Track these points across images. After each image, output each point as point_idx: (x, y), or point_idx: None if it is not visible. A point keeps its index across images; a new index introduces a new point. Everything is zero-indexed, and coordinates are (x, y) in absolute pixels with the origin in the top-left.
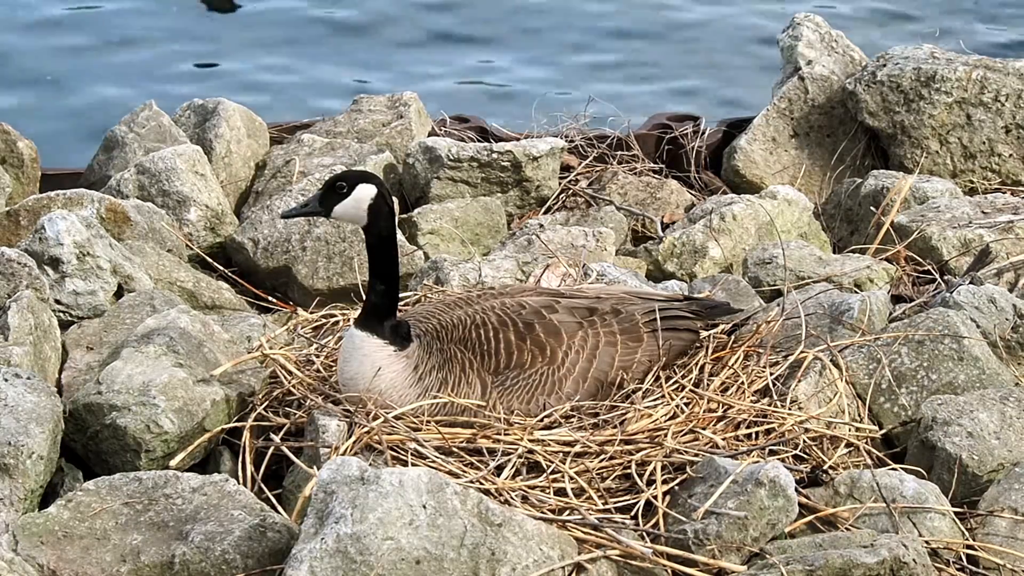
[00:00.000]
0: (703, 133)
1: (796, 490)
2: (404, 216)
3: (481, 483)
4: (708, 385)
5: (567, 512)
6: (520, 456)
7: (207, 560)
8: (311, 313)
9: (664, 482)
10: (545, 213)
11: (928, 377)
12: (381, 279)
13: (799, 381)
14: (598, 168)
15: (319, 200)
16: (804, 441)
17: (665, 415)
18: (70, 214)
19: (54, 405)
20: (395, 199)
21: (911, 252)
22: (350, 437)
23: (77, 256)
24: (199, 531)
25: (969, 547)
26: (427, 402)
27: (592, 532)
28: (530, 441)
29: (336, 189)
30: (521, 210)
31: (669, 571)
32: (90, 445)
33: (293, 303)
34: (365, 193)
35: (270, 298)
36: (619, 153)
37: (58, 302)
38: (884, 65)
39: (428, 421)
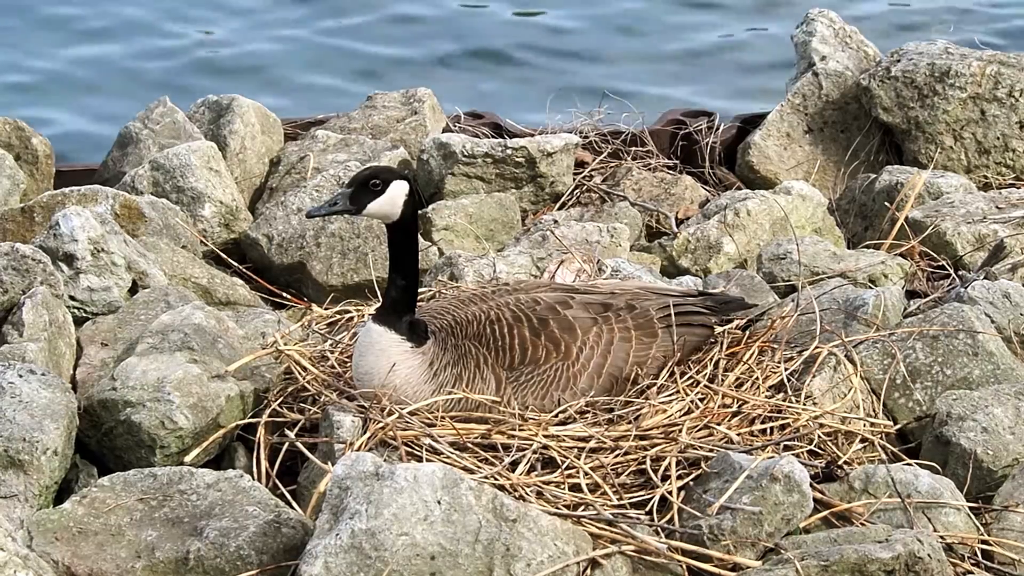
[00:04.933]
0: (717, 129)
1: (811, 485)
2: (419, 212)
3: (496, 479)
4: (723, 380)
5: (582, 508)
6: (535, 452)
7: (222, 556)
8: (325, 309)
9: (679, 477)
10: (559, 209)
11: (943, 372)
12: (402, 275)
13: (813, 376)
14: (612, 164)
15: (349, 198)
16: (819, 436)
17: (680, 410)
18: (84, 210)
19: (69, 401)
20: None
21: (925, 247)
22: (364, 433)
23: (91, 252)
24: (214, 527)
25: (984, 542)
26: (442, 398)
27: (607, 527)
28: (545, 437)
29: (370, 187)
30: (535, 206)
31: (684, 566)
32: (104, 441)
33: (307, 299)
34: (400, 190)
35: (284, 294)
36: (633, 149)
37: (72, 298)
38: (898, 60)
39: (443, 417)
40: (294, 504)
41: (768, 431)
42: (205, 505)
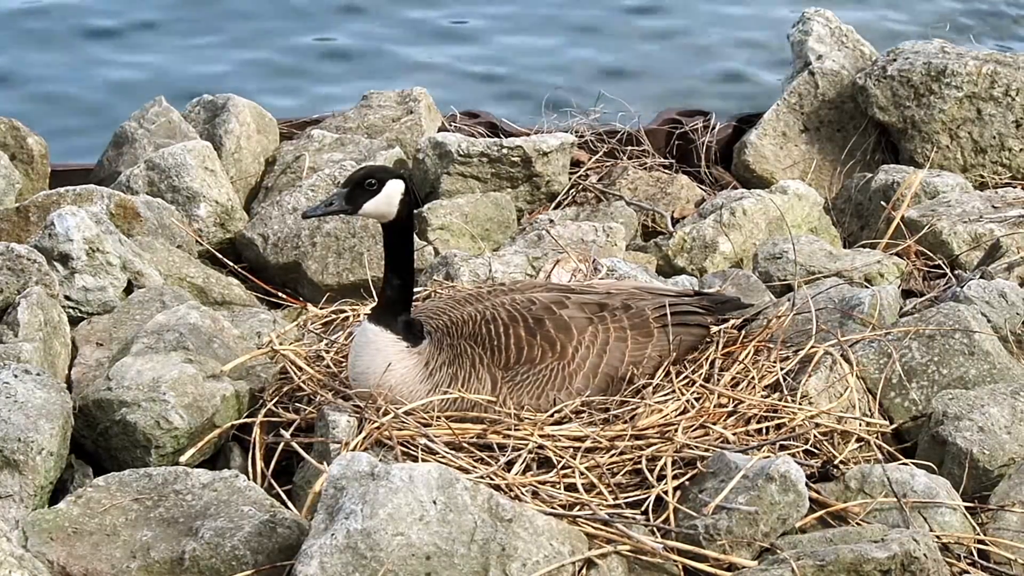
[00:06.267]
0: (713, 128)
1: (807, 485)
2: (414, 211)
3: (491, 478)
4: (718, 380)
5: (577, 507)
6: (530, 451)
7: (217, 556)
8: (321, 309)
9: (675, 477)
10: (555, 208)
11: (939, 372)
12: (398, 274)
13: (810, 376)
14: (608, 163)
15: (345, 198)
16: (815, 436)
17: (675, 410)
18: (80, 210)
19: (64, 401)
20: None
21: (921, 247)
22: (360, 433)
23: (87, 252)
24: (209, 527)
25: (980, 542)
26: (437, 397)
27: (603, 527)
28: (540, 436)
29: (366, 186)
30: (531, 205)
31: (680, 566)
32: (100, 441)
33: (303, 299)
34: (396, 189)
35: (280, 294)
36: (629, 148)
37: (68, 298)
38: (894, 60)
39: (438, 417)
40: (289, 504)
41: (764, 431)
42: (200, 505)
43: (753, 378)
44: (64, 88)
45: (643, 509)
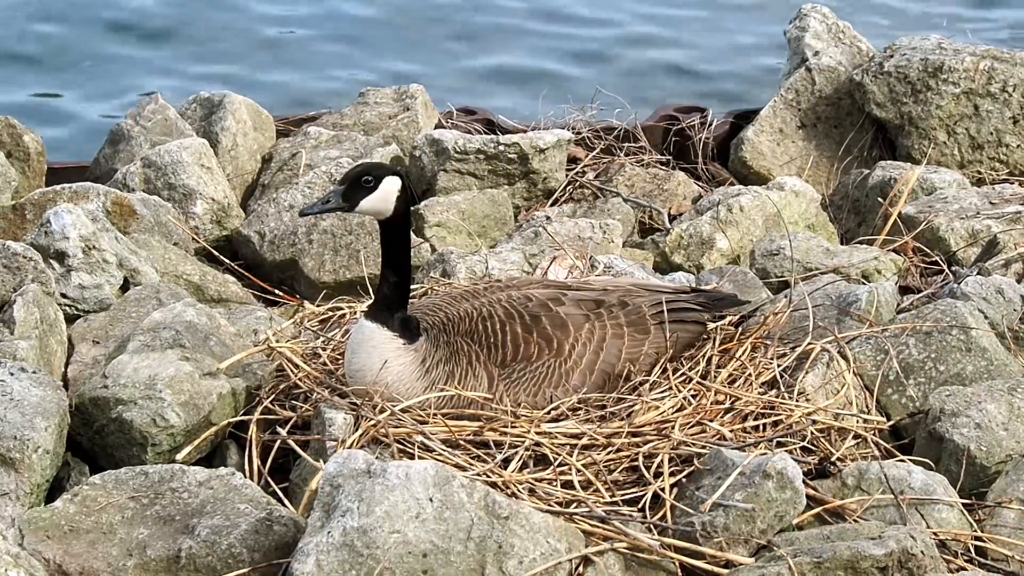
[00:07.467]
0: (710, 124)
1: (804, 482)
2: (411, 208)
3: (488, 476)
4: (715, 377)
5: (574, 505)
6: (527, 449)
7: (213, 554)
8: (317, 306)
9: (671, 474)
10: (552, 205)
11: (936, 368)
12: (394, 271)
13: (806, 373)
14: (605, 160)
15: (342, 195)
16: (812, 433)
17: (672, 407)
18: (76, 208)
19: (60, 399)
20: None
21: (919, 243)
22: (356, 430)
23: (83, 250)
24: (205, 525)
25: (977, 539)
26: (434, 395)
27: (599, 525)
28: (537, 434)
29: (363, 183)
30: (528, 202)
31: (676, 563)
32: (96, 439)
33: (299, 296)
34: (393, 186)
35: (276, 291)
36: (626, 145)
37: (64, 296)
38: (891, 56)
39: (435, 414)
40: (286, 502)
41: (761, 428)
42: (197, 503)
43: (750, 375)
44: None
45: (640, 506)
